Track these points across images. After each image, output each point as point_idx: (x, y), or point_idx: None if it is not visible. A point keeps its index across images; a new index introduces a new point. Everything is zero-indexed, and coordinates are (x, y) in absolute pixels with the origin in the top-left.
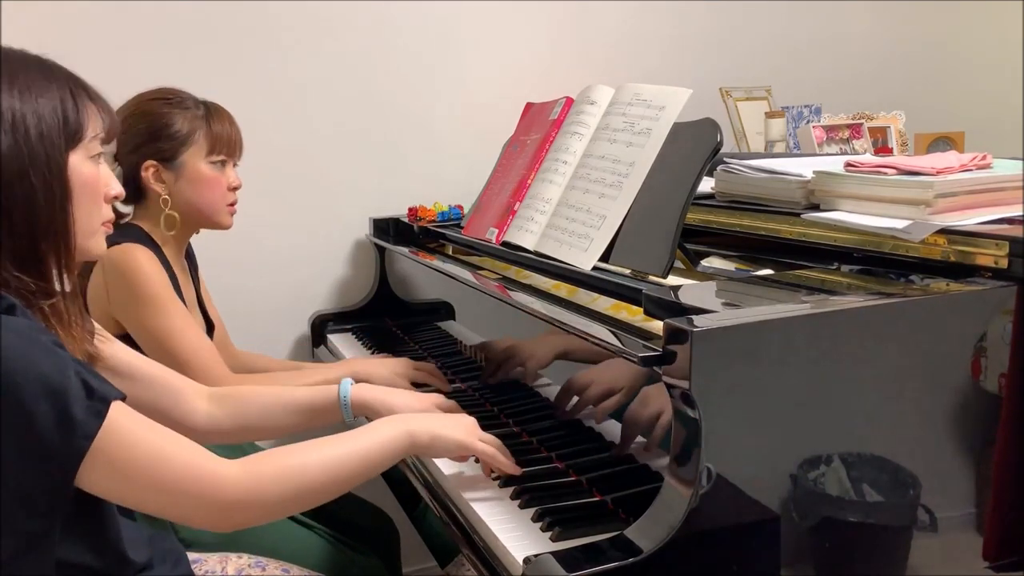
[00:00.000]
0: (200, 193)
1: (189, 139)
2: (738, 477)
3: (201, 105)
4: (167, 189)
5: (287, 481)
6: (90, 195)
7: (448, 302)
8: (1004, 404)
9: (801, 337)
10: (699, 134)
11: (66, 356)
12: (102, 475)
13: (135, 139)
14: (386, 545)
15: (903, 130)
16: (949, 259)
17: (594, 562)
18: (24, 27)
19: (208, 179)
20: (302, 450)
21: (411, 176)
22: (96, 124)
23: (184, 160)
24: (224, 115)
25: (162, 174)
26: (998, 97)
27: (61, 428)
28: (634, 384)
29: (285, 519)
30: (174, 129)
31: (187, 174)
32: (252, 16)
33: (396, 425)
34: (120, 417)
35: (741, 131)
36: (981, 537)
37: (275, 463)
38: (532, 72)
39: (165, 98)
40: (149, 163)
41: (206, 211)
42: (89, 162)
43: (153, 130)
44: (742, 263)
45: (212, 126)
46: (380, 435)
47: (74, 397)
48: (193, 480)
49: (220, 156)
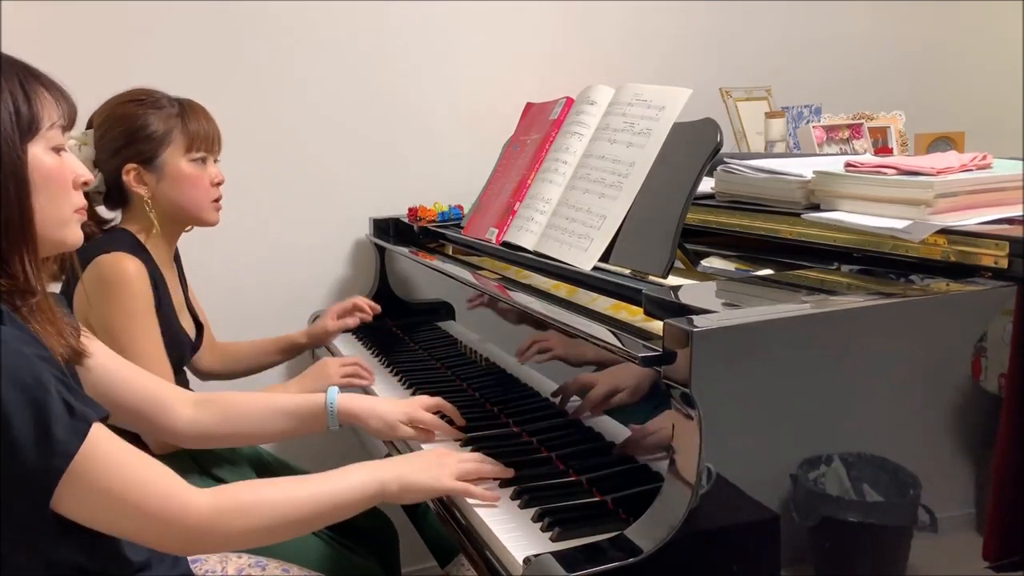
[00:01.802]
0: (183, 191)
1: (166, 138)
2: (738, 477)
3: (175, 103)
4: (150, 191)
5: (255, 515)
6: (56, 186)
7: (448, 302)
8: (1004, 404)
9: (801, 337)
10: (699, 134)
11: (50, 373)
12: (77, 496)
13: (113, 144)
14: (385, 546)
15: (903, 130)
16: (949, 259)
17: (594, 562)
18: (24, 27)
19: (190, 177)
20: (275, 486)
21: (411, 176)
22: (52, 112)
23: (164, 160)
24: (199, 111)
25: (143, 176)
26: (998, 97)
27: (40, 446)
28: (636, 384)
29: None
30: (150, 130)
31: (168, 174)
32: (252, 16)
33: (370, 472)
34: (99, 438)
35: (741, 131)
36: (981, 537)
37: (246, 496)
38: (532, 72)
39: (138, 99)
40: (129, 166)
41: (191, 209)
42: (50, 153)
43: (129, 133)
44: (742, 263)
45: (188, 123)
46: (351, 481)
47: (55, 416)
48: (163, 507)
49: (200, 153)
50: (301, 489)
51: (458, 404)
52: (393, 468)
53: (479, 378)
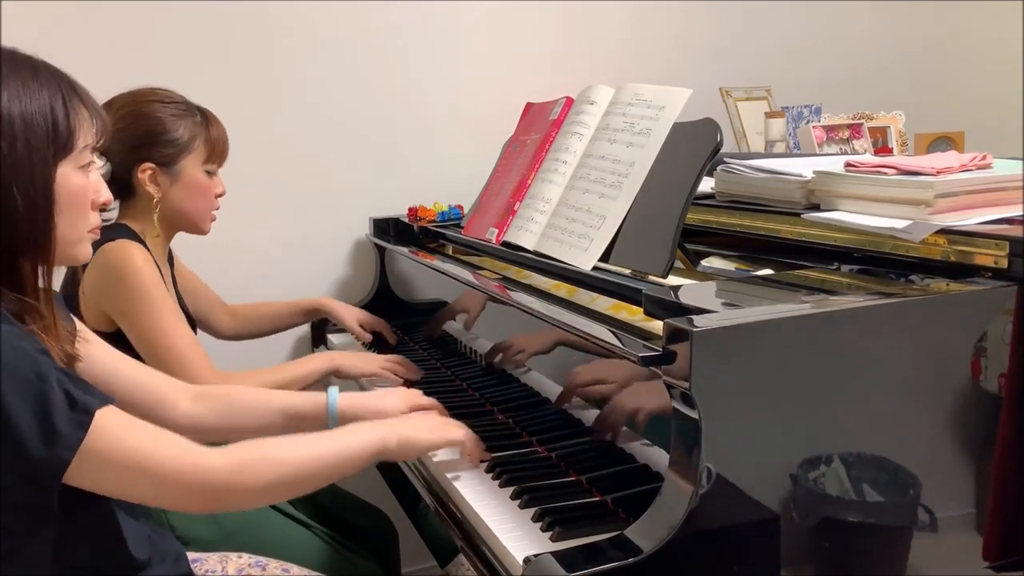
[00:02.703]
0: (193, 199)
1: (189, 146)
2: (738, 477)
3: (197, 111)
4: (160, 193)
5: (268, 470)
6: (78, 206)
7: (448, 302)
8: (1004, 404)
9: (801, 337)
10: (699, 134)
11: (50, 365)
12: (88, 474)
13: (132, 140)
14: (385, 546)
15: (903, 130)
16: (949, 259)
17: (594, 562)
18: (24, 27)
19: (201, 186)
20: (283, 443)
21: (411, 176)
22: (87, 133)
23: (182, 167)
24: (218, 122)
25: (158, 177)
26: (998, 97)
27: (43, 439)
28: (633, 381)
29: (285, 520)
30: (176, 135)
31: (183, 180)
32: (252, 16)
33: (372, 431)
34: (106, 421)
35: (741, 131)
36: (981, 537)
37: (257, 452)
38: (532, 72)
39: (164, 100)
40: (146, 165)
41: (193, 217)
42: (79, 172)
43: (154, 134)
44: (742, 263)
45: (210, 133)
46: (356, 439)
47: (57, 409)
48: (180, 472)
49: (214, 164)
50: (311, 446)
51: (458, 404)
52: (393, 426)
53: (479, 378)
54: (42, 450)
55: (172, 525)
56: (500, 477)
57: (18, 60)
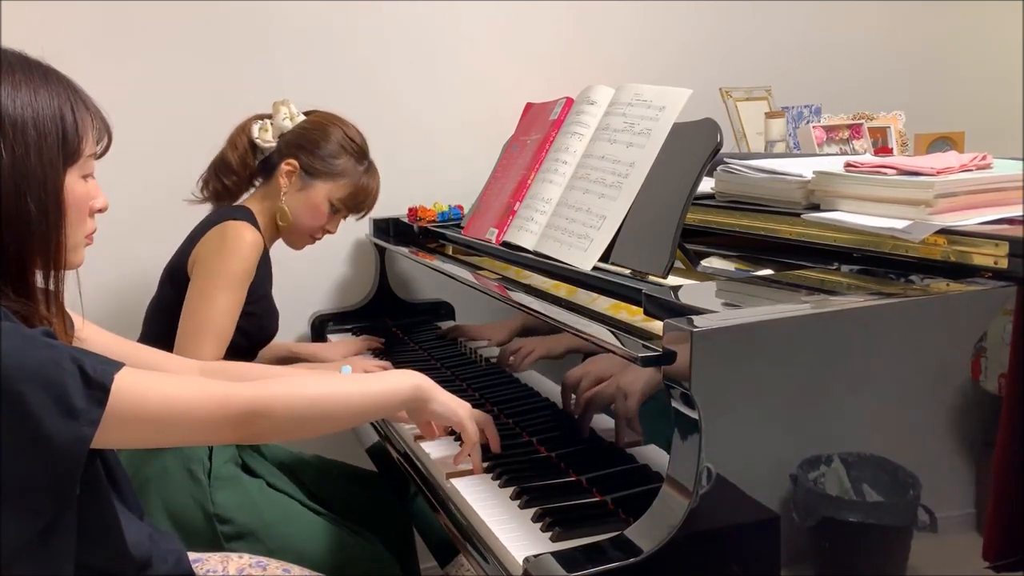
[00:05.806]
0: (304, 215)
1: (335, 176)
2: (738, 477)
3: (367, 160)
4: (287, 190)
5: (295, 402)
6: (78, 212)
7: (448, 302)
8: (1004, 404)
9: (801, 337)
10: (699, 134)
11: (60, 346)
12: (121, 433)
13: (300, 139)
14: (390, 526)
15: (903, 130)
16: (949, 259)
17: (594, 562)
18: (24, 27)
19: (319, 211)
20: (310, 377)
21: (411, 176)
22: (92, 142)
23: (317, 185)
24: (375, 178)
25: (293, 177)
26: (998, 97)
27: (64, 418)
28: (632, 379)
29: (297, 507)
30: (332, 159)
31: (309, 195)
32: (251, 16)
33: (406, 377)
34: (124, 384)
35: (741, 131)
36: (981, 537)
37: (285, 385)
38: (532, 72)
39: (345, 131)
40: (293, 162)
41: (296, 228)
42: (81, 180)
43: (316, 144)
44: (742, 263)
45: (360, 180)
46: (388, 381)
47: (73, 388)
48: (206, 407)
49: (345, 208)
50: (338, 384)
51: None
52: (427, 380)
53: (479, 378)
54: (63, 430)
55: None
56: (500, 477)
57: (30, 65)
